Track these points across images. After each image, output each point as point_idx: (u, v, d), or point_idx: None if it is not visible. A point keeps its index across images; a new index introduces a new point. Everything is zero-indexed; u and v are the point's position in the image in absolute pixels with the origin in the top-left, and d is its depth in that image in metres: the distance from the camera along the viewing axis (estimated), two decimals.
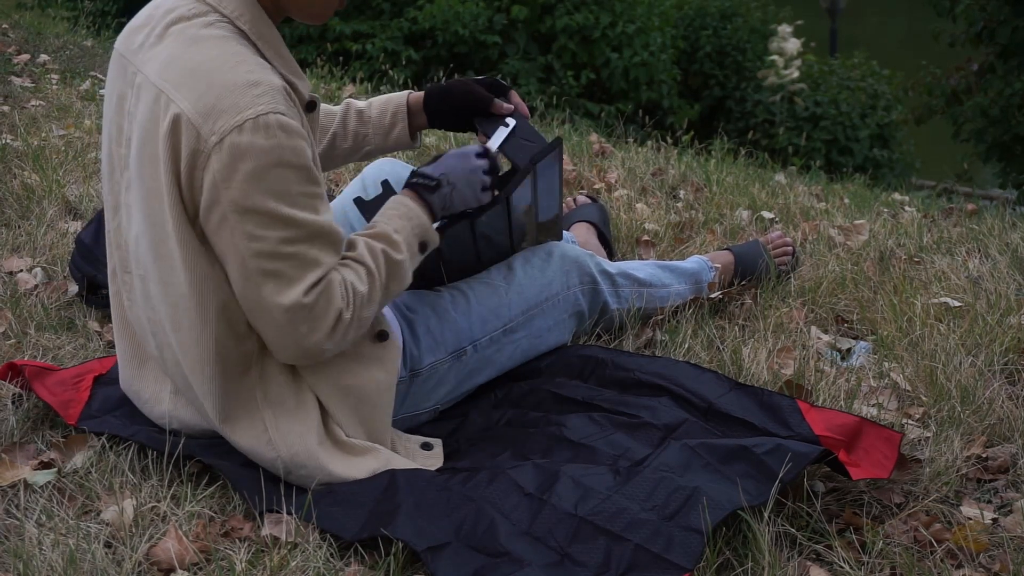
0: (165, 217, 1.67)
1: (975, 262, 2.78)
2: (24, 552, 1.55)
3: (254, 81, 1.62)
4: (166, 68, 1.66)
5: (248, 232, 1.62)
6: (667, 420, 1.86)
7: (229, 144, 1.59)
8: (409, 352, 1.94)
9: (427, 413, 1.99)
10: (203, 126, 1.60)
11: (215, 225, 1.64)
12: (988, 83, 8.61)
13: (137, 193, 1.72)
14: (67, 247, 2.69)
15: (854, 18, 20.68)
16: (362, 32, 9.83)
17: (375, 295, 1.74)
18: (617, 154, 3.99)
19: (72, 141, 3.67)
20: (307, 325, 1.66)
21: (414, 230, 1.82)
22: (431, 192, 1.86)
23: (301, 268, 1.65)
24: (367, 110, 2.15)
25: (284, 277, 1.64)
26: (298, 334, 1.67)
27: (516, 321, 2.09)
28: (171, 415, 1.84)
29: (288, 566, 1.56)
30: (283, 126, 1.60)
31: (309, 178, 1.64)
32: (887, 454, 1.76)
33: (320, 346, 1.68)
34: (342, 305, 1.68)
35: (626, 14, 10.52)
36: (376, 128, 2.14)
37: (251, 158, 1.59)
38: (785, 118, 11.68)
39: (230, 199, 1.60)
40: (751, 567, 1.57)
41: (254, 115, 1.59)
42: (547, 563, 1.55)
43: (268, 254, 1.63)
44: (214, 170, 1.60)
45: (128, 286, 1.82)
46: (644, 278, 2.33)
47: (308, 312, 1.65)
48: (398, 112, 2.13)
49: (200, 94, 1.61)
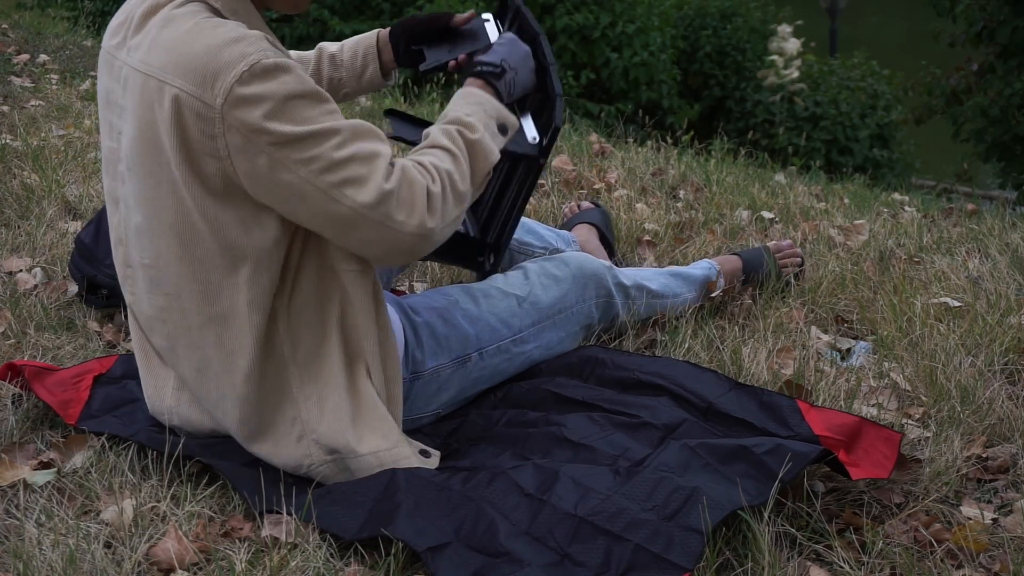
0: (180, 195, 1.67)
1: (975, 262, 2.78)
2: (24, 552, 1.55)
3: (236, 37, 1.64)
4: (148, 54, 1.68)
5: (300, 159, 1.63)
6: (667, 420, 1.86)
7: (235, 99, 1.60)
8: (412, 354, 1.93)
9: (428, 416, 1.99)
10: (204, 94, 1.61)
11: (266, 174, 1.64)
12: (988, 83, 8.60)
13: (136, 183, 1.73)
14: (67, 247, 2.69)
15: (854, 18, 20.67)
16: (362, 32, 9.83)
17: (463, 170, 1.75)
18: (617, 154, 3.99)
19: (72, 141, 3.67)
20: (403, 211, 1.67)
21: (488, 112, 1.83)
22: (498, 79, 1.88)
23: (366, 163, 1.66)
24: (339, 53, 2.16)
25: (357, 178, 1.65)
26: (398, 223, 1.67)
27: (527, 332, 2.08)
28: (173, 411, 1.84)
29: (288, 566, 1.56)
30: (278, 66, 1.63)
31: (321, 98, 1.67)
32: (887, 454, 1.76)
33: (425, 225, 1.68)
34: (426, 180, 1.69)
35: (626, 14, 10.52)
36: (349, 71, 2.14)
37: (263, 102, 1.61)
38: (785, 118, 11.67)
39: (266, 142, 1.62)
40: (751, 567, 1.57)
41: (247, 65, 1.61)
42: (547, 563, 1.55)
43: (329, 166, 1.64)
44: (235, 128, 1.61)
45: (132, 280, 1.82)
46: (657, 289, 2.34)
47: (396, 197, 1.66)
48: (368, 53, 2.14)
49: (190, 66, 1.62)
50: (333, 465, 1.75)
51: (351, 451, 1.73)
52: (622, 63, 10.41)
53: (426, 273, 2.71)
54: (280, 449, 1.77)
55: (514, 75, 1.90)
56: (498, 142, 1.84)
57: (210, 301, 1.73)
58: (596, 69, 10.45)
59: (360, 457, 1.74)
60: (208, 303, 1.73)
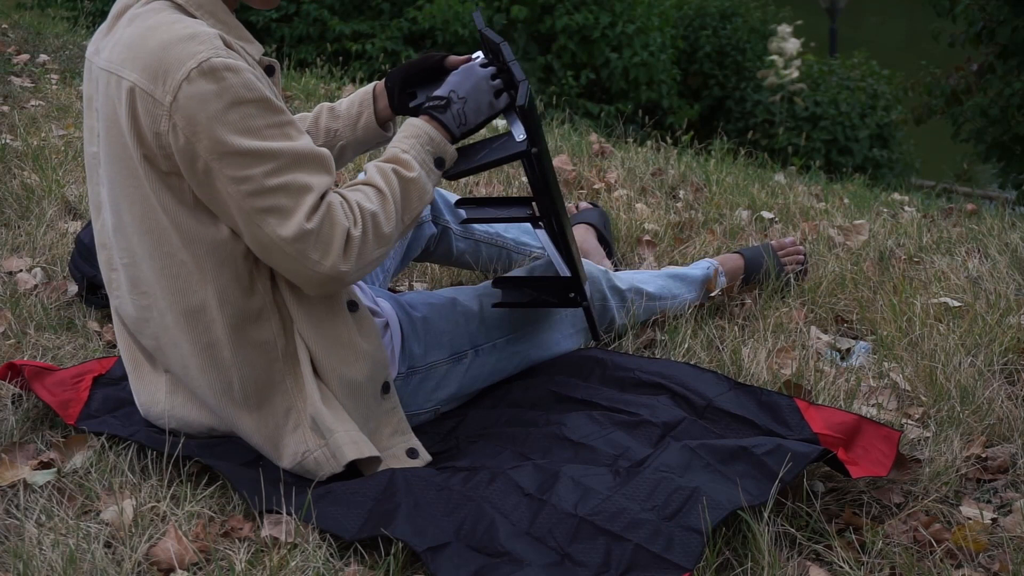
0: (145, 191, 1.69)
1: (975, 262, 2.78)
2: (24, 552, 1.55)
3: (190, 34, 1.64)
4: (112, 52, 1.71)
5: (232, 176, 1.63)
6: (666, 418, 1.86)
7: (183, 97, 1.61)
8: (409, 349, 1.94)
9: (427, 414, 1.99)
10: (155, 90, 1.63)
11: (202, 179, 1.65)
12: (988, 83, 8.60)
13: (111, 181, 1.75)
14: (67, 247, 2.69)
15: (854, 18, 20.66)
16: (362, 32, 9.82)
17: (389, 211, 1.75)
18: (617, 154, 3.99)
19: (72, 141, 3.67)
20: (317, 251, 1.67)
21: (424, 147, 1.83)
22: (442, 111, 1.87)
23: (294, 196, 1.65)
24: (338, 106, 2.15)
25: (281, 210, 1.65)
26: (312, 262, 1.67)
27: (522, 331, 2.09)
28: (169, 414, 1.84)
29: (288, 566, 1.56)
30: (228, 67, 1.63)
31: (270, 108, 1.66)
32: (886, 452, 1.76)
33: (337, 268, 1.68)
34: (348, 224, 1.69)
35: (626, 14, 10.51)
36: (345, 120, 2.12)
37: (208, 104, 1.61)
38: (785, 118, 11.67)
39: (205, 149, 1.62)
40: (751, 567, 1.57)
41: (196, 63, 1.61)
42: (547, 563, 1.55)
43: (258, 192, 1.64)
44: (180, 128, 1.62)
45: (116, 283, 1.84)
46: (654, 291, 2.34)
47: (315, 237, 1.66)
48: (364, 100, 2.11)
49: (144, 61, 1.64)
50: (327, 449, 1.75)
51: (328, 430, 1.74)
52: (622, 63, 10.41)
53: (426, 273, 2.71)
54: (278, 440, 1.77)
55: (462, 104, 1.88)
56: (434, 177, 1.84)
57: (181, 297, 1.74)
58: (596, 69, 10.44)
59: (336, 434, 1.75)
60: (180, 298, 1.74)
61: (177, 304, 1.74)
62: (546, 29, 10.29)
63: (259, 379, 1.76)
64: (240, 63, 1.65)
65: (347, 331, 1.79)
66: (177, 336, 1.76)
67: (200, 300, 1.73)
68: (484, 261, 2.49)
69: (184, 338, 1.76)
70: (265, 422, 1.78)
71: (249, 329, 1.75)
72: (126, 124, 1.66)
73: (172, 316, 1.75)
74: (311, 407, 1.75)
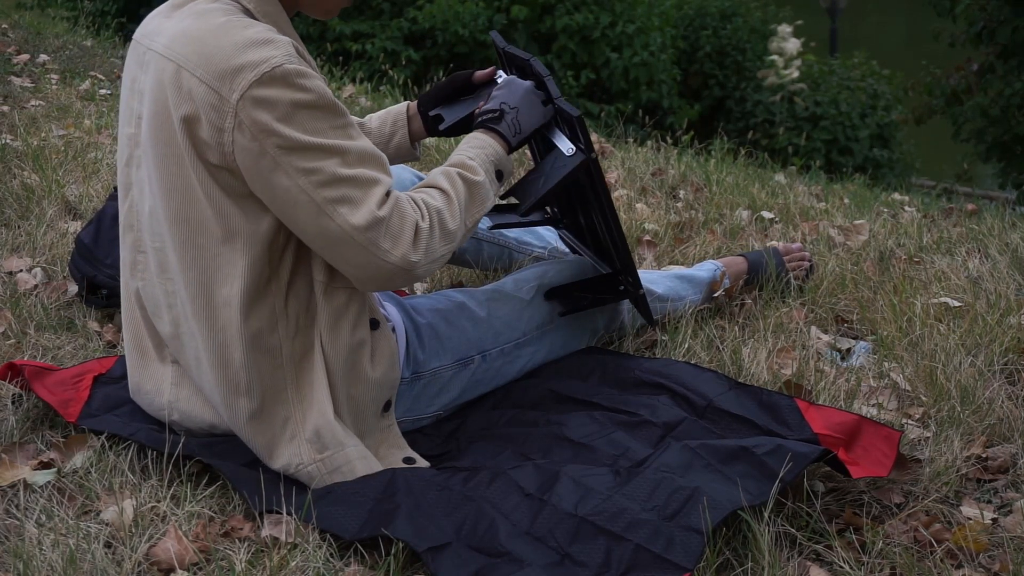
0: (190, 181, 1.70)
1: (975, 262, 2.78)
2: (24, 552, 1.55)
3: (265, 39, 1.66)
4: (174, 40, 1.71)
5: (303, 168, 1.65)
6: (666, 418, 1.86)
7: (252, 99, 1.62)
8: (413, 355, 1.94)
9: (429, 418, 1.99)
10: (222, 87, 1.63)
11: (267, 174, 1.66)
12: (988, 83, 8.61)
13: (151, 165, 1.75)
14: (67, 247, 2.69)
15: (854, 18, 20.67)
16: (362, 32, 9.83)
17: (454, 210, 1.79)
18: (617, 154, 3.99)
19: (72, 141, 3.67)
20: (388, 240, 1.69)
21: (488, 157, 1.88)
22: (497, 122, 1.92)
23: (364, 187, 1.68)
24: (367, 123, 2.17)
25: (352, 199, 1.67)
26: (382, 251, 1.69)
27: (530, 335, 2.09)
28: (172, 406, 1.84)
29: (288, 566, 1.56)
30: (299, 73, 1.65)
31: (337, 112, 1.69)
32: (886, 452, 1.76)
33: (407, 258, 1.70)
34: (416, 216, 1.72)
35: (626, 14, 10.52)
36: (377, 138, 2.16)
37: (277, 107, 1.63)
38: (785, 118, 11.68)
39: (274, 144, 1.64)
40: (751, 567, 1.57)
41: (270, 68, 1.63)
42: (547, 563, 1.55)
43: (328, 181, 1.66)
44: (246, 125, 1.63)
45: (143, 266, 1.84)
46: (662, 293, 2.34)
47: (385, 226, 1.68)
48: (398, 120, 2.15)
49: (212, 59, 1.65)
50: (321, 465, 1.75)
51: (338, 444, 1.75)
52: (622, 63, 10.41)
53: None
54: (273, 448, 1.77)
55: (515, 113, 1.94)
56: (495, 188, 1.88)
57: (204, 291, 1.74)
58: (596, 69, 10.45)
59: (346, 448, 1.75)
60: (203, 292, 1.74)
61: (199, 298, 1.75)
62: (546, 29, 10.29)
63: (264, 384, 1.76)
64: (309, 68, 1.68)
65: (364, 354, 1.80)
66: (195, 327, 1.77)
67: (223, 297, 1.73)
68: (485, 260, 2.49)
69: (201, 332, 1.76)
70: (263, 428, 1.77)
71: (262, 333, 1.75)
72: (179, 115, 1.66)
73: (192, 308, 1.76)
74: (318, 418, 1.75)
